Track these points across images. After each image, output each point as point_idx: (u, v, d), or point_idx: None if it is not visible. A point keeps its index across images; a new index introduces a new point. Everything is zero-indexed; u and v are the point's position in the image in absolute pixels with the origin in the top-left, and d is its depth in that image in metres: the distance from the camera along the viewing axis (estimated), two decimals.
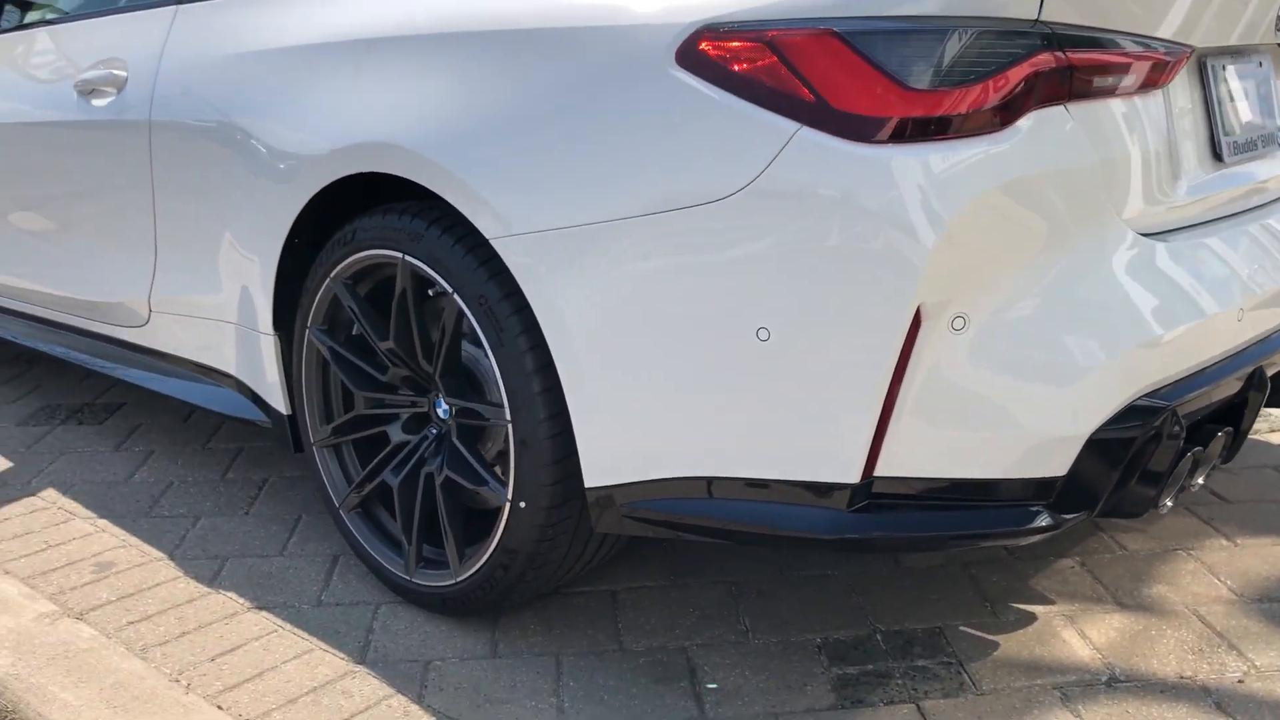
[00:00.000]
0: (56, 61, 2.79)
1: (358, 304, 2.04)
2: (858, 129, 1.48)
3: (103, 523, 2.47)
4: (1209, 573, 2.14)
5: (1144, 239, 1.67)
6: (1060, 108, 1.54)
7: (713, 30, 1.57)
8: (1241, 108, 1.91)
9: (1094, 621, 1.99)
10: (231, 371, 2.43)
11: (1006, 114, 1.50)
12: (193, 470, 2.75)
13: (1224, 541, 2.25)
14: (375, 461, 2.11)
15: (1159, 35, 1.65)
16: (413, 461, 2.06)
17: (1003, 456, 1.57)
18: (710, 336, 1.60)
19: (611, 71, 1.65)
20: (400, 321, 1.98)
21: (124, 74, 2.51)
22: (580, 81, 1.68)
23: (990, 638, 1.95)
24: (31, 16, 3.10)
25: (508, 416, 1.81)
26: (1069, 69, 1.52)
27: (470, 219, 1.78)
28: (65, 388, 3.36)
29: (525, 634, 2.01)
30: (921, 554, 2.20)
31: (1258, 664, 1.85)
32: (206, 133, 2.29)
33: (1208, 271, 1.74)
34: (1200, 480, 1.80)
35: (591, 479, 1.75)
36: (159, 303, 2.56)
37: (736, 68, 1.54)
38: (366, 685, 1.87)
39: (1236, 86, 1.90)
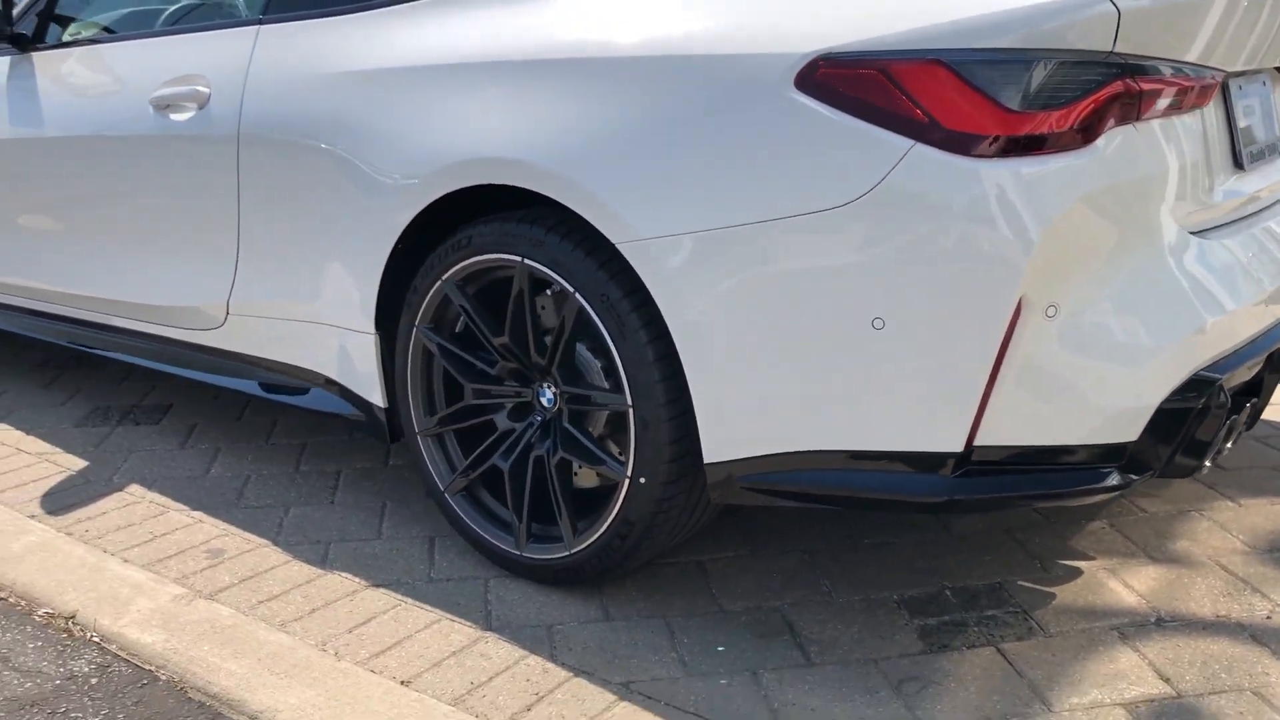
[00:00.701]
0: (124, 77, 2.90)
1: (470, 303, 2.23)
2: (966, 145, 1.72)
3: (197, 514, 2.62)
4: (1221, 529, 2.43)
5: (1192, 237, 1.94)
6: (1130, 126, 1.80)
7: (828, 60, 1.79)
8: (1254, 121, 2.20)
9: (1132, 572, 2.26)
10: (321, 370, 2.59)
11: (1088, 133, 1.75)
12: (264, 465, 2.90)
13: (1229, 503, 2.55)
14: (483, 447, 2.30)
15: (1203, 63, 1.92)
16: (521, 446, 2.25)
17: (1084, 425, 1.82)
18: (829, 326, 1.83)
19: (733, 94, 1.87)
20: (515, 318, 2.17)
21: (206, 90, 2.65)
22: (702, 103, 1.89)
23: (1046, 589, 2.22)
24: (72, 33, 3.22)
25: (629, 401, 2.02)
26: (1138, 94, 1.78)
27: (597, 226, 1.98)
28: (108, 390, 3.47)
29: (631, 600, 2.22)
30: (1002, 513, 2.46)
31: (1264, 609, 2.14)
32: (303, 147, 2.45)
33: (1238, 264, 2.02)
34: (1230, 445, 2.08)
35: (711, 455, 1.97)
36: (239, 306, 2.71)
37: (854, 92, 1.77)
38: (500, 648, 2.06)
39: (1249, 103, 2.19)
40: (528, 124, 2.06)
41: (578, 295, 2.05)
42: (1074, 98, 1.73)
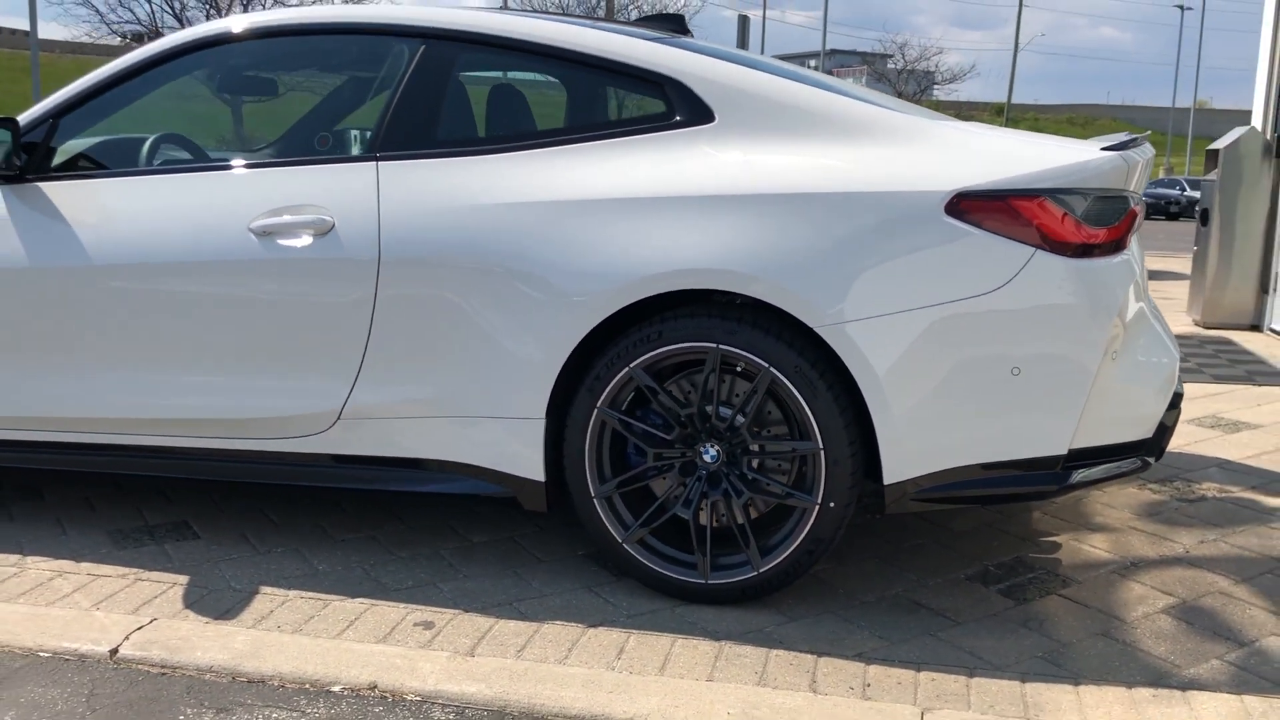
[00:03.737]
0: (202, 207, 3.08)
1: (657, 384, 2.80)
2: (1066, 250, 2.63)
3: (362, 601, 2.87)
4: (1109, 506, 3.53)
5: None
6: (1134, 234, 2.82)
7: (966, 195, 2.64)
8: None
9: (1088, 538, 3.27)
10: (459, 458, 2.97)
11: (1123, 240, 2.74)
12: (361, 557, 3.15)
13: (1095, 488, 3.66)
14: (659, 502, 2.85)
15: (1141, 192, 2.99)
16: (698, 495, 2.83)
17: (1129, 427, 2.79)
18: (980, 376, 2.65)
19: (898, 218, 2.65)
20: (704, 393, 2.77)
21: (329, 220, 2.96)
22: (875, 224, 2.66)
23: (1049, 556, 3.16)
24: (67, 162, 3.30)
25: (821, 445, 2.70)
26: (1138, 214, 2.81)
27: (797, 316, 2.66)
28: (89, 515, 3.45)
29: (792, 606, 2.86)
30: (983, 512, 3.37)
31: (1185, 544, 3.24)
32: (464, 269, 2.86)
33: (1157, 319, 3.11)
34: None
35: (890, 478, 2.70)
36: (355, 410, 3.01)
37: (989, 216, 2.63)
38: (745, 649, 2.62)
39: None
40: (732, 242, 2.69)
41: (772, 369, 2.71)
42: (1117, 218, 2.72)
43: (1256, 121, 7.20)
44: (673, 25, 3.65)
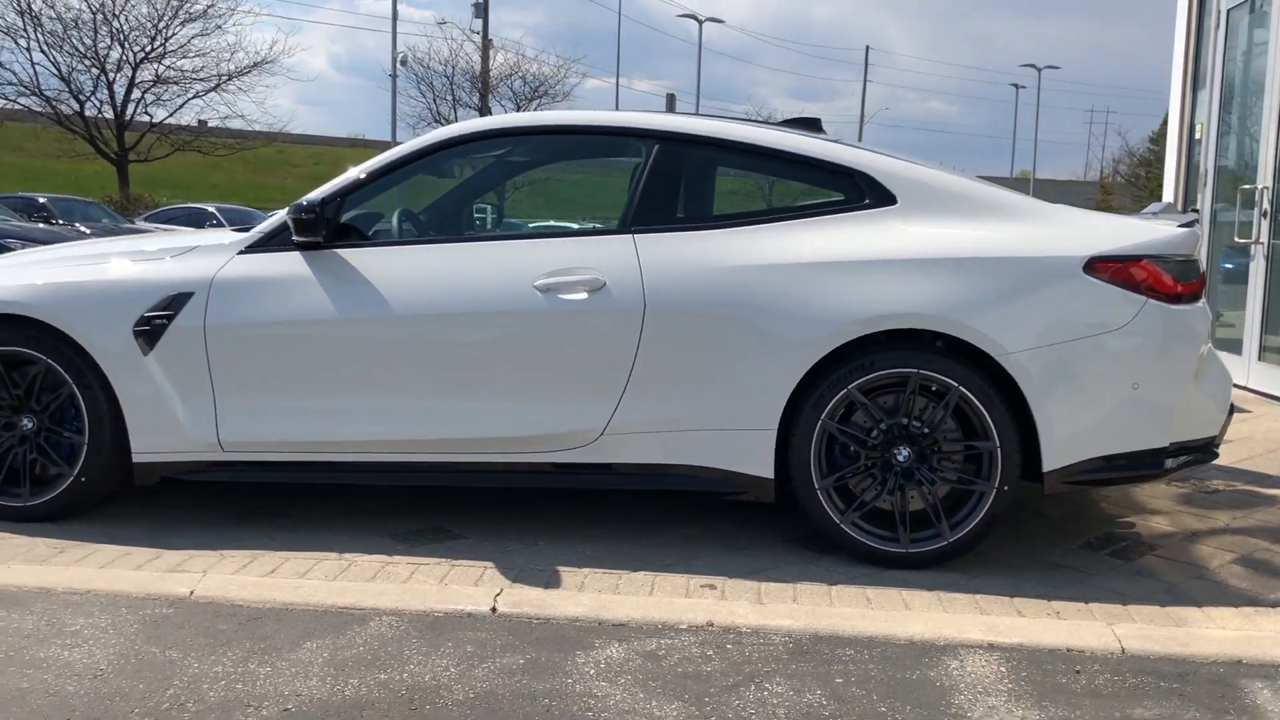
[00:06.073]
0: (490, 269, 3.88)
1: (868, 400, 3.71)
2: (1167, 298, 3.68)
3: (648, 573, 3.66)
4: (1153, 497, 4.58)
5: None
6: (1203, 290, 3.89)
7: (1098, 258, 3.67)
8: None
9: (1150, 518, 4.31)
10: (702, 462, 3.82)
11: (1199, 293, 3.80)
12: (613, 545, 3.94)
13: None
14: (863, 493, 3.75)
15: None
16: (896, 485, 3.75)
17: (1206, 425, 3.84)
18: (1111, 388, 3.66)
19: (1049, 275, 3.66)
20: (903, 408, 3.70)
21: (601, 279, 3.81)
22: (1032, 279, 3.66)
23: (1127, 532, 4.17)
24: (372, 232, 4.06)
25: (997, 443, 3.66)
26: (1205, 274, 3.88)
27: (981, 348, 3.62)
28: (357, 526, 4.15)
29: (963, 570, 3.77)
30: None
31: (1224, 520, 4.30)
32: (714, 316, 3.74)
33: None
34: None
35: (1048, 466, 3.67)
36: (617, 427, 3.84)
37: (1115, 274, 3.66)
38: (956, 596, 3.53)
39: None
40: (929, 294, 3.65)
41: (962, 388, 3.66)
42: (1195, 276, 3.78)
43: (1169, 197, 8.59)
44: (811, 126, 4.61)
